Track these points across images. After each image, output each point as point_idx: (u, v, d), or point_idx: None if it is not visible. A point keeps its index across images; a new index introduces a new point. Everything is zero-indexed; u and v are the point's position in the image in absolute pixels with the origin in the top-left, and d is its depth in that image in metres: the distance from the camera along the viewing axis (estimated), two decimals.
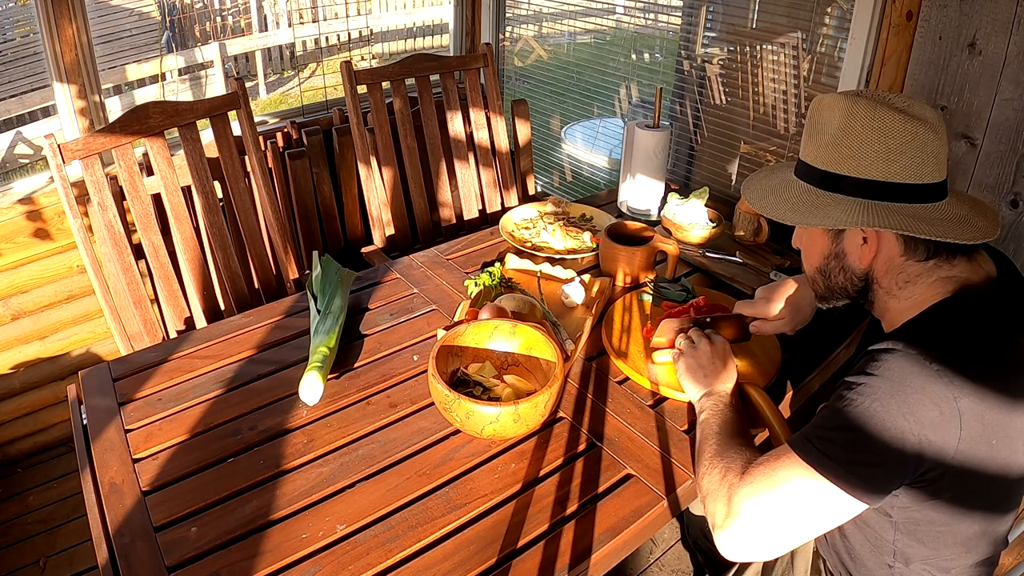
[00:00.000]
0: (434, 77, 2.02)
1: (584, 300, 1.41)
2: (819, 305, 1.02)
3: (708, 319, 1.21)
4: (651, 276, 1.49)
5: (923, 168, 0.84)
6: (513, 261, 1.53)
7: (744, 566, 1.16)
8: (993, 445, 0.76)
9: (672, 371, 1.18)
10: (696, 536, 1.39)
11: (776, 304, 1.18)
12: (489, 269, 1.41)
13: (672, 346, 1.20)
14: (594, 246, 1.62)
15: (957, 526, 0.84)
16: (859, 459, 0.78)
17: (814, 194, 0.90)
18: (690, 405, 1.12)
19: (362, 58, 6.44)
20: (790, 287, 1.18)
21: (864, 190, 0.86)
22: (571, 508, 0.98)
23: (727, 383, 1.08)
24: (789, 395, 1.23)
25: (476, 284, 1.39)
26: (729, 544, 0.86)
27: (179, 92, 5.32)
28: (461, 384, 1.13)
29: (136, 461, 1.03)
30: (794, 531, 0.84)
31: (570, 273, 1.49)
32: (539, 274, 1.49)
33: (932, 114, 0.85)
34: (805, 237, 0.97)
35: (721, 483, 0.89)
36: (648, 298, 1.41)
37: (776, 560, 1.13)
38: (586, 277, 1.46)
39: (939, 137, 0.84)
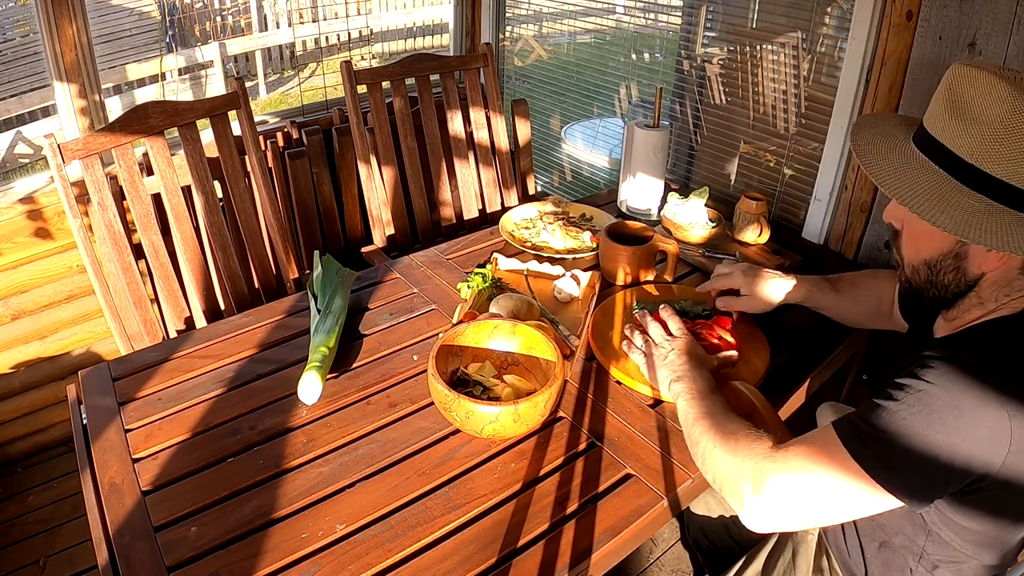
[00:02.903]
0: (434, 77, 2.02)
1: (579, 293, 1.42)
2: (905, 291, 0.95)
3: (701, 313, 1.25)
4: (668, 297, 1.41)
5: None
6: (503, 262, 1.53)
7: (745, 566, 1.16)
8: None
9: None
10: (696, 536, 1.39)
11: (741, 280, 1.24)
12: (481, 271, 1.41)
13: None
14: (594, 246, 1.62)
15: (990, 532, 0.84)
16: (907, 466, 0.77)
17: (956, 189, 0.81)
18: None
19: (362, 58, 6.44)
20: (760, 276, 1.24)
21: (1015, 199, 0.78)
22: (571, 508, 0.98)
23: (693, 368, 1.08)
24: (794, 395, 1.23)
25: (469, 287, 1.39)
26: (756, 518, 0.86)
27: (179, 92, 5.32)
28: (461, 384, 1.13)
29: (136, 461, 1.03)
30: (825, 515, 0.84)
31: (559, 269, 1.49)
32: (526, 272, 1.50)
33: None
34: (920, 225, 0.84)
35: (744, 458, 0.88)
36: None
37: (778, 560, 1.13)
38: (576, 271, 1.46)
39: None
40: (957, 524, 0.85)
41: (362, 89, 1.86)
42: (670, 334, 1.18)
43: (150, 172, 1.64)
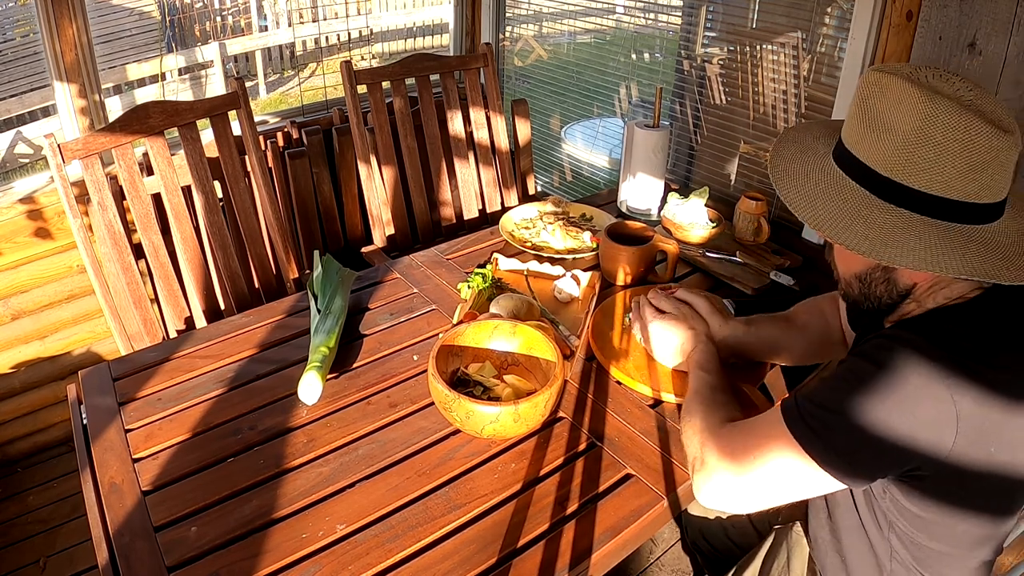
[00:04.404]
0: (434, 77, 2.02)
1: (580, 293, 1.42)
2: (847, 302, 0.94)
3: None
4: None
5: (999, 186, 0.75)
6: (503, 262, 1.53)
7: (744, 566, 1.16)
8: (991, 452, 0.75)
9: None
10: (695, 537, 1.39)
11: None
12: (481, 271, 1.41)
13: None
14: (594, 246, 1.62)
15: (956, 527, 0.83)
16: (846, 444, 0.78)
17: (875, 207, 0.78)
18: None
19: (362, 58, 6.44)
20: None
21: (935, 209, 0.75)
22: (571, 508, 0.98)
23: (702, 342, 1.13)
24: (788, 394, 1.23)
25: (469, 287, 1.39)
26: (705, 493, 0.89)
27: (179, 92, 5.32)
28: (461, 384, 1.13)
29: (136, 461, 1.03)
30: (768, 496, 0.85)
31: (559, 269, 1.49)
32: (527, 272, 1.50)
33: (1013, 122, 0.74)
34: None
35: (696, 432, 0.93)
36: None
37: (774, 562, 1.13)
38: (576, 271, 1.46)
39: (1018, 149, 0.74)
40: (915, 515, 0.83)
41: (362, 89, 1.86)
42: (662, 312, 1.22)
43: (150, 172, 1.64)
